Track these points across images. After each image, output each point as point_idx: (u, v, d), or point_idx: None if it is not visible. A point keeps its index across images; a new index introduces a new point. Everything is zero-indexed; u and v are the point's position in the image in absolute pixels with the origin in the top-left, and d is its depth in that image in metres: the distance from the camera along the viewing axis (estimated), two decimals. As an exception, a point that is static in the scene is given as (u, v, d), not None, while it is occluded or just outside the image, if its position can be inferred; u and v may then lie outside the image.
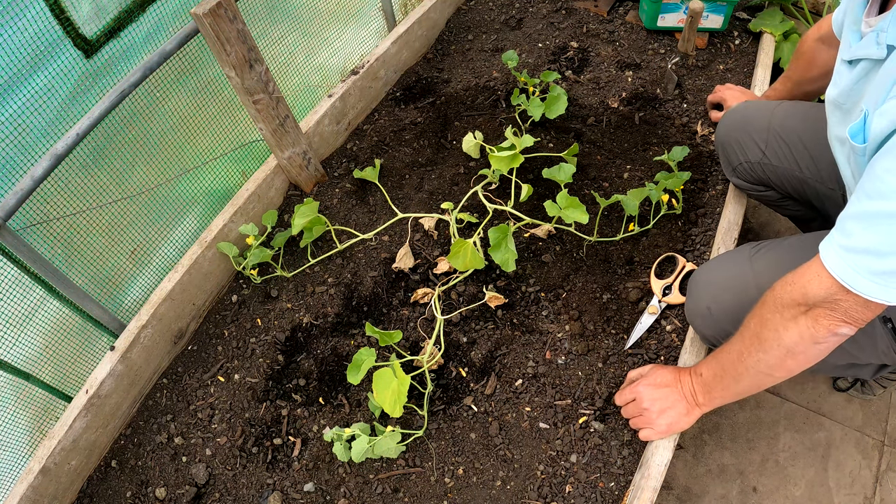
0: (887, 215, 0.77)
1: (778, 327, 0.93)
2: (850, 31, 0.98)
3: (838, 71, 1.01)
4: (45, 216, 1.26)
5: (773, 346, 0.95)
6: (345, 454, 1.23)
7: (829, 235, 0.87)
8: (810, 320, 0.90)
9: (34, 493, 1.25)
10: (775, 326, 0.94)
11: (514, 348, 1.41)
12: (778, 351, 0.94)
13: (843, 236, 0.84)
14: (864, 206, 0.81)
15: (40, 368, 1.32)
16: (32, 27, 1.13)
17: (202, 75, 1.53)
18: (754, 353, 0.98)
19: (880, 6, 0.94)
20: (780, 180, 1.39)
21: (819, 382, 1.70)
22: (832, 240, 0.86)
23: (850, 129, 0.88)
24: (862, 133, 0.86)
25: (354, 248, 1.64)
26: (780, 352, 0.94)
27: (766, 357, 0.96)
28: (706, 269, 1.25)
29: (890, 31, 0.83)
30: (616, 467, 1.23)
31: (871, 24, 0.92)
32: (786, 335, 0.93)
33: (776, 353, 0.95)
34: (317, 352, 1.47)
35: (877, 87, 0.85)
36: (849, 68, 0.96)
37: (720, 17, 1.93)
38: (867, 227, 0.80)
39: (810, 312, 0.89)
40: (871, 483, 1.55)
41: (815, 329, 0.89)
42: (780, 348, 0.94)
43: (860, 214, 0.81)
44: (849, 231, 0.83)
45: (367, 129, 1.91)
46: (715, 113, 1.72)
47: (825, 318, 0.88)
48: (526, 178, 1.67)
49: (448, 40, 2.17)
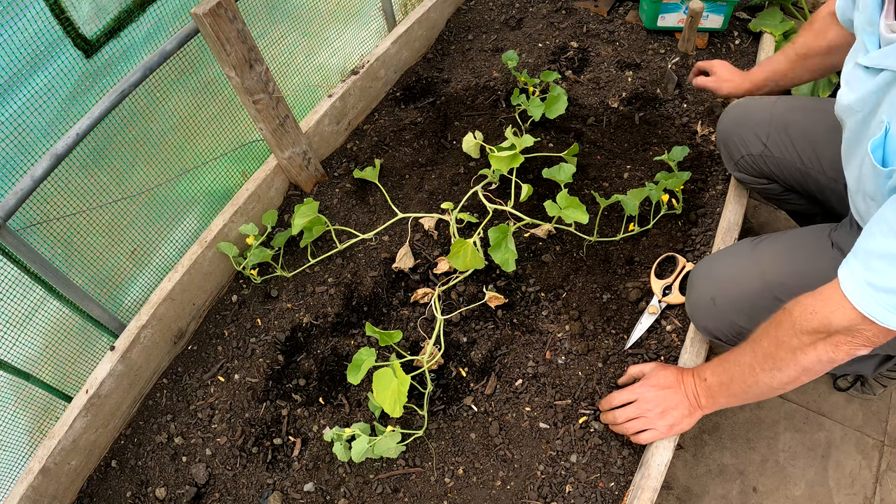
0: None
1: (796, 351, 0.94)
2: (865, 33, 0.94)
3: (855, 75, 0.96)
4: (45, 216, 1.26)
5: (790, 366, 0.96)
6: (345, 454, 1.23)
7: (850, 265, 0.87)
8: (830, 346, 0.91)
9: (34, 493, 1.25)
10: (793, 349, 0.95)
11: (514, 348, 1.41)
12: (794, 370, 0.96)
13: (868, 272, 0.83)
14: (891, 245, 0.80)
15: (40, 368, 1.32)
16: (32, 27, 1.13)
17: (202, 75, 1.53)
18: (768, 370, 0.99)
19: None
20: (783, 173, 1.39)
21: (819, 382, 1.70)
22: (855, 273, 0.86)
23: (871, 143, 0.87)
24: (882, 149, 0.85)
25: (354, 248, 1.64)
26: (795, 370, 0.96)
27: (781, 374, 0.98)
28: (708, 263, 1.25)
29: None
30: (616, 467, 1.23)
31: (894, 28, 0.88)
32: (804, 358, 0.94)
33: (792, 372, 0.96)
34: (317, 352, 1.47)
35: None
36: (868, 75, 0.92)
37: (720, 17, 1.93)
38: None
39: (830, 339, 0.90)
40: (871, 483, 1.55)
41: (835, 353, 0.91)
42: (796, 367, 0.95)
43: (887, 255, 0.81)
44: (874, 269, 0.83)
45: (367, 129, 1.91)
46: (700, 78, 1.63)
47: (846, 345, 0.89)
48: (526, 178, 1.67)
49: (448, 40, 2.17)
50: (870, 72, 0.91)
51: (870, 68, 0.91)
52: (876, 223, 0.84)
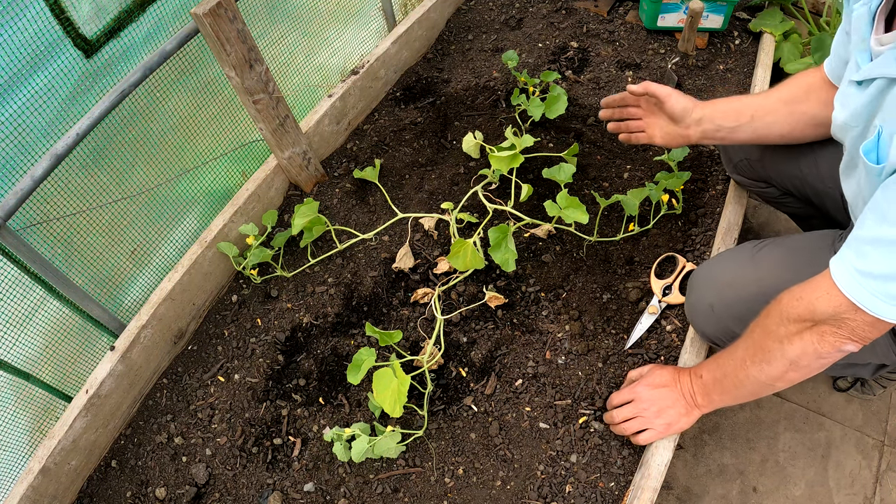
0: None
1: (783, 340, 0.94)
2: (857, 51, 0.96)
3: (847, 94, 0.98)
4: (45, 216, 1.26)
5: (777, 358, 0.95)
6: (345, 454, 1.23)
7: (842, 255, 0.87)
8: (815, 336, 0.90)
9: (34, 493, 1.25)
10: (780, 339, 0.94)
11: (514, 348, 1.41)
12: (781, 363, 0.95)
13: (858, 258, 0.83)
14: (882, 231, 0.80)
15: (40, 368, 1.32)
16: (32, 27, 1.13)
17: (202, 75, 1.53)
18: (757, 362, 0.99)
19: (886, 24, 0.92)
20: (780, 177, 1.39)
21: (819, 382, 1.70)
22: (845, 260, 0.86)
23: (864, 146, 0.87)
24: (875, 150, 0.85)
25: (354, 248, 1.64)
26: (783, 364, 0.95)
27: (769, 368, 0.97)
28: (708, 267, 1.25)
29: None
30: (616, 467, 1.23)
31: (883, 41, 0.89)
32: (790, 349, 0.93)
33: (779, 365, 0.96)
34: (317, 352, 1.47)
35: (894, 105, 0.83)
36: (859, 89, 0.94)
37: (720, 17, 1.93)
38: (885, 253, 0.80)
39: (815, 328, 0.90)
40: (871, 483, 1.55)
41: (820, 345, 0.90)
42: (783, 360, 0.95)
43: (878, 240, 0.81)
44: (864, 254, 0.83)
45: (367, 129, 1.91)
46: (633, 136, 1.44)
47: (831, 336, 0.89)
48: (526, 178, 1.67)
49: (448, 40, 2.17)
50: (862, 85, 0.93)
51: (862, 82, 0.93)
52: (868, 212, 0.84)
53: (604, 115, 1.45)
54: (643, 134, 1.39)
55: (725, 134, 1.27)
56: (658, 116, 1.35)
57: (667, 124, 1.33)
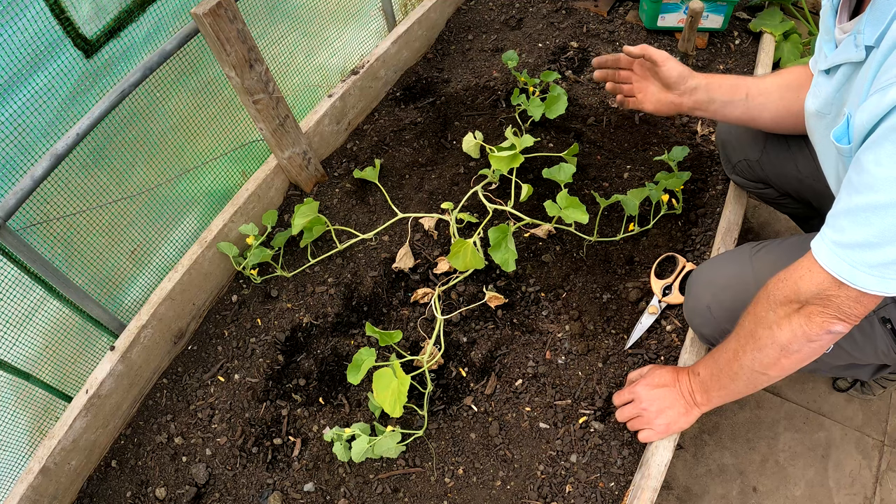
0: (878, 206, 0.77)
1: (772, 325, 0.94)
2: (823, 42, 0.98)
3: (817, 83, 1.00)
4: (45, 216, 1.26)
5: (768, 344, 0.95)
6: (345, 454, 1.23)
7: (821, 232, 0.87)
8: (803, 318, 0.90)
9: (34, 493, 1.25)
10: (769, 324, 0.94)
11: (514, 348, 1.41)
12: (772, 349, 0.95)
13: (835, 232, 0.84)
14: (853, 200, 0.80)
15: (40, 368, 1.32)
16: (32, 27, 1.13)
17: (202, 75, 1.53)
18: (749, 351, 0.98)
19: (851, 12, 0.94)
20: (779, 179, 1.39)
21: (819, 382, 1.70)
22: (824, 236, 0.86)
23: (834, 132, 0.88)
24: (846, 135, 0.86)
25: (354, 248, 1.64)
26: (774, 350, 0.95)
27: (761, 356, 0.97)
28: (706, 268, 1.25)
29: (866, 32, 0.82)
30: (616, 467, 1.23)
31: (845, 29, 0.92)
32: (780, 333, 0.93)
33: (771, 352, 0.95)
34: (317, 352, 1.47)
35: (858, 88, 0.84)
36: (827, 78, 0.96)
37: (720, 17, 1.93)
38: (859, 221, 0.80)
39: (803, 310, 0.90)
40: (871, 483, 1.55)
41: (809, 327, 0.89)
42: (774, 346, 0.94)
43: (850, 209, 0.81)
44: (840, 227, 0.83)
45: (367, 129, 1.91)
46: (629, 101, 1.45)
47: (818, 316, 0.88)
48: (526, 178, 1.67)
49: (448, 40, 2.17)
50: (829, 73, 0.95)
51: (829, 70, 0.95)
52: (843, 189, 0.84)
53: (599, 77, 1.43)
54: (633, 99, 1.38)
55: (717, 108, 1.27)
56: (650, 82, 1.33)
57: (659, 90, 1.32)
